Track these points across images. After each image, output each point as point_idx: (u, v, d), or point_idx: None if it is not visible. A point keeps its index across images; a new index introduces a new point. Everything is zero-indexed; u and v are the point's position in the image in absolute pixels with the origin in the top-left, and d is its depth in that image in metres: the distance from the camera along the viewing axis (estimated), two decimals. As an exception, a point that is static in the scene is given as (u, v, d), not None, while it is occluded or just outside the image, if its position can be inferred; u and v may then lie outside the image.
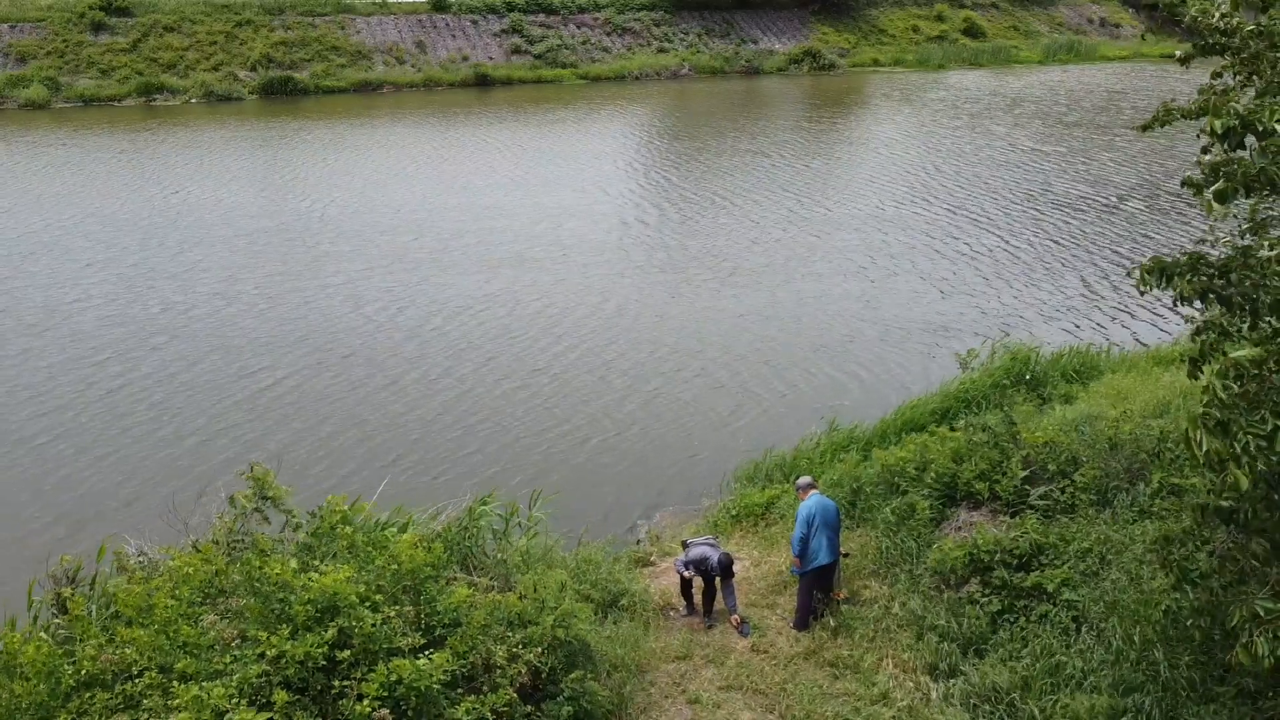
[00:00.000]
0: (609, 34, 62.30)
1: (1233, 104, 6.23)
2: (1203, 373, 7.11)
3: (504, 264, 24.99)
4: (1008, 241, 26.81)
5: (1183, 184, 6.80)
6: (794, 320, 21.29)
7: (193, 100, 49.88)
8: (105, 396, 17.64)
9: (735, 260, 25.23)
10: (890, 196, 31.70)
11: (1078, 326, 20.90)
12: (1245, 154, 6.25)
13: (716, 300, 22.50)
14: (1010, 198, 31.51)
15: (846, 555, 11.23)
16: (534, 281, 23.70)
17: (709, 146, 39.98)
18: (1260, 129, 6.04)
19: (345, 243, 26.73)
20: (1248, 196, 6.26)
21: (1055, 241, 26.84)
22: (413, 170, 35.51)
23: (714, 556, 10.69)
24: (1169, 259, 6.86)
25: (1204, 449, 6.09)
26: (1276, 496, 6.51)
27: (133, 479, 14.96)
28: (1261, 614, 6.13)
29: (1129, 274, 7.35)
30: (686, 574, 10.78)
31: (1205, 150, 6.69)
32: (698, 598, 11.04)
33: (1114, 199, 31.38)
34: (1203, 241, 7.21)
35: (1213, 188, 6.18)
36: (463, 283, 23.59)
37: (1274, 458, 6.03)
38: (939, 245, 26.42)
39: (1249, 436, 5.99)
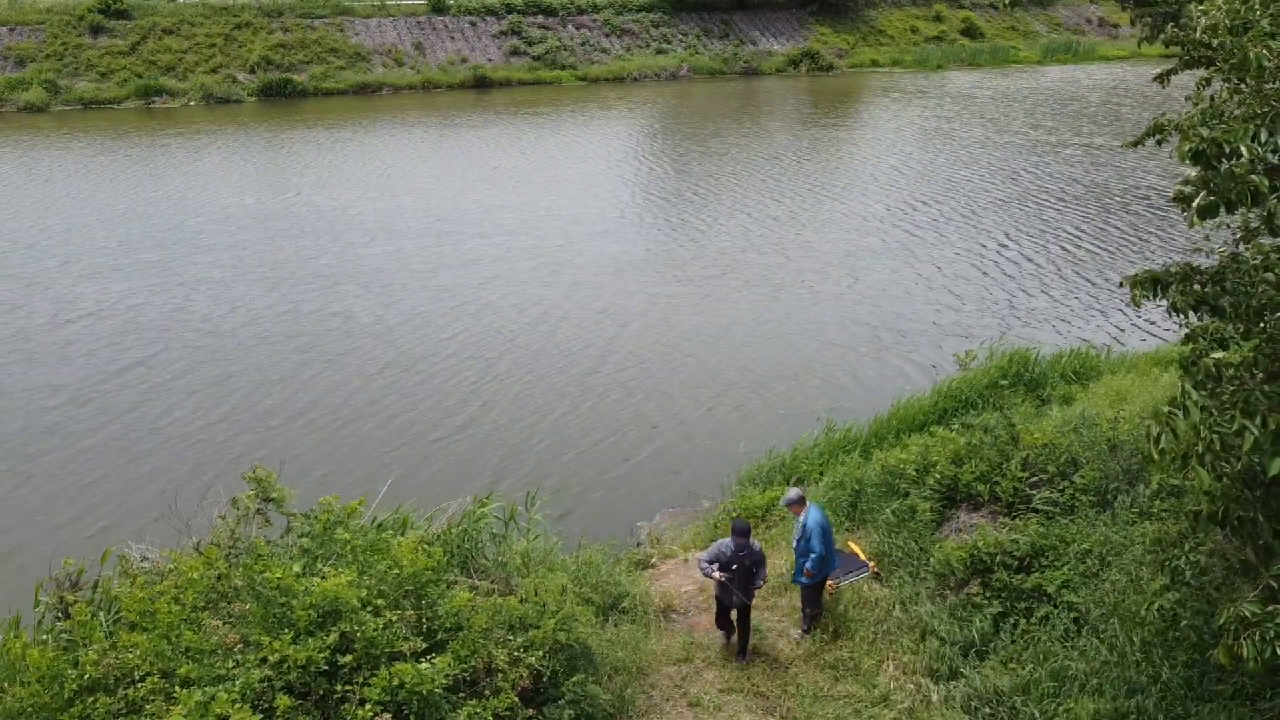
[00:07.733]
0: (608, 35, 62.31)
1: (1197, 129, 6.29)
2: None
3: (507, 266, 25.05)
4: (1018, 242, 26.86)
5: (1173, 198, 6.82)
6: (793, 321, 21.30)
7: (191, 103, 49.85)
8: (112, 396, 17.70)
9: (736, 263, 25.24)
10: (897, 196, 31.73)
11: (1078, 327, 20.91)
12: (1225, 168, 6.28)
13: (717, 303, 22.51)
14: (1020, 197, 31.55)
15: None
16: (531, 286, 23.72)
17: (712, 147, 39.99)
18: (1228, 150, 6.07)
19: (352, 244, 26.79)
20: (1230, 212, 6.30)
21: (1065, 242, 26.87)
22: (422, 175, 35.57)
23: (728, 546, 9.69)
24: (1159, 270, 6.88)
25: (1159, 446, 6.14)
26: (1251, 496, 6.52)
27: (138, 482, 14.98)
28: (1249, 616, 6.15)
29: (1120, 285, 7.37)
30: (716, 575, 9.70)
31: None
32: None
33: (1126, 197, 31.43)
34: (1197, 250, 7.24)
35: (1195, 203, 6.23)
36: (465, 286, 23.65)
37: (1244, 457, 6.04)
38: (943, 245, 26.44)
39: (1214, 435, 6.02)
